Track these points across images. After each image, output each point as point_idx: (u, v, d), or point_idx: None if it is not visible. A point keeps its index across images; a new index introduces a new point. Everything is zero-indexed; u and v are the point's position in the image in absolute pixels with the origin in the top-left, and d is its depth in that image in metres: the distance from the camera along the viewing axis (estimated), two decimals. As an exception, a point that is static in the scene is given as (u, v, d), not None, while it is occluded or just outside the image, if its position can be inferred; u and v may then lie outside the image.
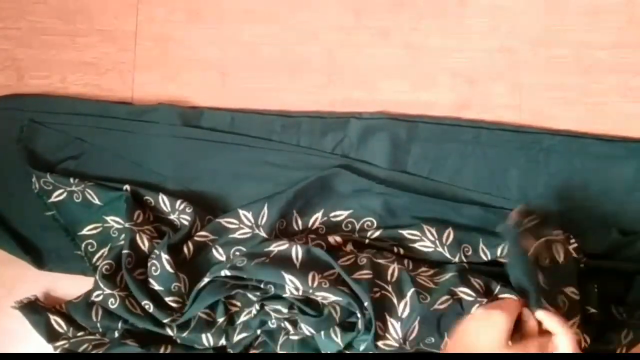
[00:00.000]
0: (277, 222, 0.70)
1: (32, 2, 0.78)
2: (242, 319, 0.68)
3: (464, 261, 0.68)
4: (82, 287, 0.71)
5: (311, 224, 0.72)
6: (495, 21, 0.76)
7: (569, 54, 0.75)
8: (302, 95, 0.76)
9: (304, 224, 0.72)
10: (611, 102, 0.74)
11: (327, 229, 0.72)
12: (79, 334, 0.69)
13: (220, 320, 0.68)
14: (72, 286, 0.72)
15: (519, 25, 0.76)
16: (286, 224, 0.72)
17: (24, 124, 0.74)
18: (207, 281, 0.67)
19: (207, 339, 0.68)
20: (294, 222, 0.72)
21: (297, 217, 0.72)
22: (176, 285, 0.68)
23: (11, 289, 0.73)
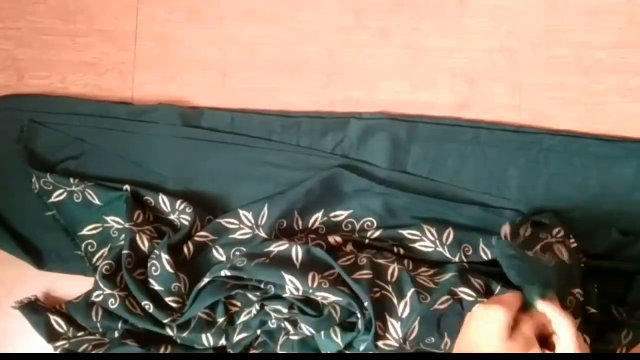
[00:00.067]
0: (277, 222, 0.70)
1: (32, 2, 0.78)
2: (242, 319, 0.68)
3: (464, 261, 0.68)
4: (82, 287, 0.71)
5: (311, 224, 0.72)
6: (495, 21, 0.76)
7: (569, 54, 0.75)
8: (302, 95, 0.76)
9: (304, 224, 0.72)
10: (611, 102, 0.74)
11: (327, 229, 0.72)
12: (79, 334, 0.69)
13: (220, 320, 0.68)
14: (72, 286, 0.72)
15: (519, 25, 0.76)
16: (286, 224, 0.71)
17: (24, 124, 0.74)
18: (207, 281, 0.67)
19: (207, 339, 0.68)
20: (294, 222, 0.72)
21: (297, 217, 0.72)
22: (176, 285, 0.68)
23: (11, 289, 0.73)
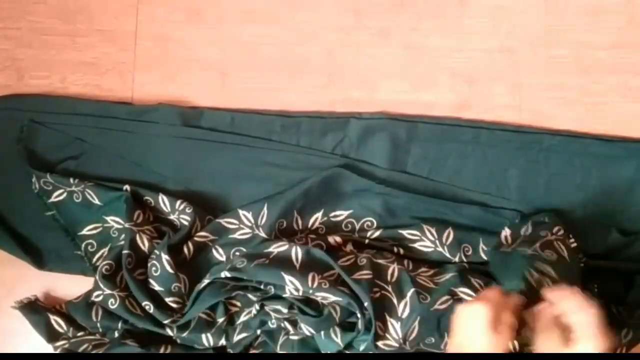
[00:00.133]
0: (277, 222, 0.70)
1: (32, 2, 0.78)
2: (242, 319, 0.68)
3: (464, 261, 0.68)
4: (82, 287, 0.71)
5: (311, 224, 0.72)
6: (495, 21, 0.76)
7: (569, 54, 0.75)
8: (302, 95, 0.76)
9: (304, 224, 0.72)
10: (611, 102, 0.74)
11: (327, 229, 0.72)
12: (79, 334, 0.69)
13: (220, 320, 0.68)
14: (72, 286, 0.72)
15: (519, 25, 0.76)
16: (286, 224, 0.71)
17: (24, 124, 0.74)
18: (207, 282, 0.67)
19: (207, 339, 0.68)
20: (294, 222, 0.72)
21: (297, 217, 0.72)
22: (176, 285, 0.68)
23: (11, 289, 0.73)
